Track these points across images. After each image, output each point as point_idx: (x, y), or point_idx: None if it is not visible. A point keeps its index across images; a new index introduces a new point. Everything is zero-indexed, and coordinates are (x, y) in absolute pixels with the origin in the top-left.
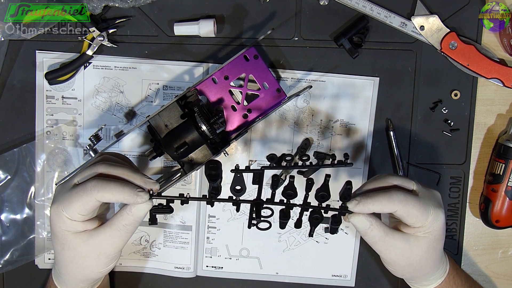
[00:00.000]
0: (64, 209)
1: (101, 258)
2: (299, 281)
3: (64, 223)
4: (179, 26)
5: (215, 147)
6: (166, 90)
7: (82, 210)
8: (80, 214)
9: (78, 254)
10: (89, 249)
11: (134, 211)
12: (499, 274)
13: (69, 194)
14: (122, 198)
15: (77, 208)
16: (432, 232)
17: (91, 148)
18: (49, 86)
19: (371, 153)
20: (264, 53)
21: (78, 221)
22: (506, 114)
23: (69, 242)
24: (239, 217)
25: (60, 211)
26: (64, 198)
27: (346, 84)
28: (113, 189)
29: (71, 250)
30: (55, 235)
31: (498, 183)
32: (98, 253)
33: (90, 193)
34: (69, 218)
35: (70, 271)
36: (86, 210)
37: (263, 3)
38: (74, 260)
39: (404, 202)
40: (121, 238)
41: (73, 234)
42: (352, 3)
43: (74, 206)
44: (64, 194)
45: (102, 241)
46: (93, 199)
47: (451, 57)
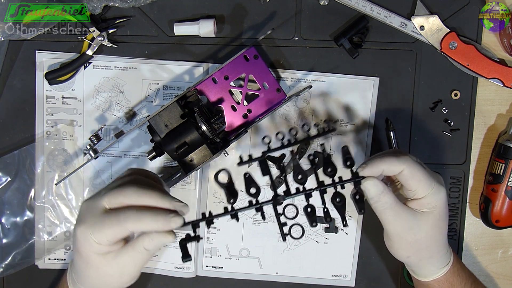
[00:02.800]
0: (93, 233)
1: (123, 277)
2: (299, 281)
3: (91, 246)
4: (179, 26)
5: (215, 147)
6: (166, 90)
7: (112, 238)
8: (110, 240)
9: (102, 273)
10: (113, 269)
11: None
12: (499, 274)
13: (100, 221)
14: (156, 227)
15: (108, 236)
16: (436, 208)
17: (91, 148)
18: (49, 86)
19: (371, 153)
20: (264, 53)
21: (105, 245)
22: (506, 114)
23: (92, 262)
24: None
25: (88, 234)
26: (94, 223)
27: (346, 84)
28: (147, 220)
29: (95, 269)
30: (80, 254)
31: (498, 183)
32: (121, 273)
33: (124, 224)
34: (96, 243)
35: (91, 285)
36: (116, 238)
37: (263, 3)
38: (97, 278)
39: (410, 163)
40: (142, 260)
41: (98, 255)
42: (352, 3)
43: (104, 233)
44: (94, 218)
45: (125, 262)
46: (126, 230)
47: (451, 57)
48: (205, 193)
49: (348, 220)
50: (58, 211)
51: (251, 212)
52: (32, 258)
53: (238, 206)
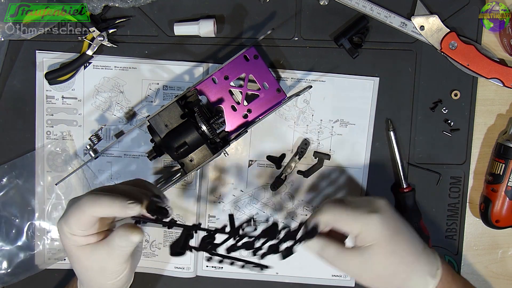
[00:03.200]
0: (64, 224)
1: (104, 272)
2: (299, 281)
3: (66, 237)
4: (179, 26)
5: (215, 147)
6: (166, 90)
7: (78, 225)
8: (79, 229)
9: (84, 267)
10: (92, 263)
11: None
12: (499, 274)
13: (67, 210)
14: (113, 212)
15: (74, 224)
16: (379, 238)
17: (91, 148)
18: (49, 86)
19: (371, 153)
20: (264, 53)
21: (79, 236)
22: (506, 114)
23: (74, 255)
24: (239, 217)
25: (62, 225)
26: (65, 213)
27: (346, 84)
28: (104, 203)
29: (77, 262)
30: (65, 247)
31: (498, 183)
32: (100, 267)
33: (83, 208)
34: (70, 233)
35: (85, 281)
36: (82, 225)
37: (263, 3)
38: (82, 272)
39: (325, 211)
40: (119, 256)
41: (77, 247)
42: (352, 3)
43: (71, 222)
44: (67, 209)
45: (102, 256)
46: (86, 215)
47: (451, 57)
48: (205, 193)
49: None
50: (58, 211)
51: (251, 211)
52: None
53: None
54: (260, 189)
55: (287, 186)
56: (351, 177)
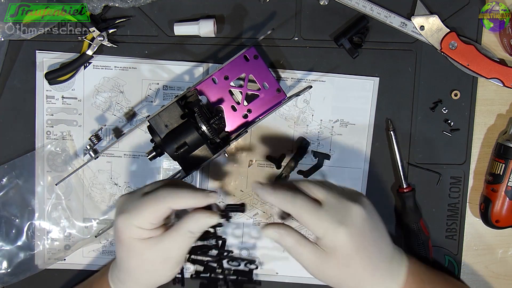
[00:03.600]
0: (134, 218)
1: (168, 262)
2: (299, 281)
3: (132, 232)
4: (179, 26)
5: (215, 147)
6: (166, 90)
7: (153, 218)
8: (151, 222)
9: (145, 260)
10: (156, 254)
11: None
12: (499, 274)
13: (139, 203)
14: (195, 202)
15: (148, 217)
16: (339, 250)
17: (91, 148)
18: (49, 86)
19: (371, 153)
20: (264, 53)
21: (147, 229)
22: (506, 114)
23: (136, 249)
24: (239, 217)
25: (129, 220)
26: (133, 207)
27: (346, 84)
28: (186, 196)
29: (138, 256)
30: (121, 242)
31: (498, 183)
32: (165, 258)
33: (163, 201)
34: (138, 227)
35: (136, 278)
36: (157, 218)
37: (263, 3)
38: (141, 266)
39: (299, 207)
40: (185, 243)
41: (140, 240)
42: (352, 3)
43: (145, 215)
44: (133, 202)
45: (168, 245)
46: (165, 207)
47: (451, 57)
48: None
49: None
50: (58, 211)
51: (251, 211)
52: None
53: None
54: None
55: None
56: (351, 177)
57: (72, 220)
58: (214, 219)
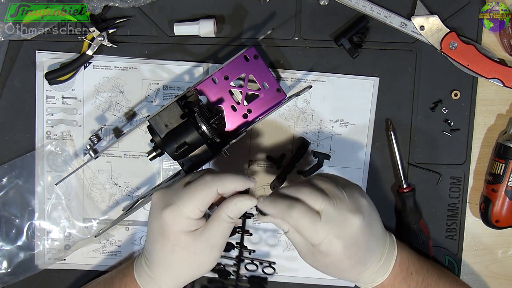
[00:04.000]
0: (183, 208)
1: (214, 251)
2: (299, 281)
3: (181, 223)
4: (179, 26)
5: (215, 147)
6: (166, 90)
7: (203, 203)
8: (200, 209)
9: (192, 252)
10: (203, 244)
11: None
12: (499, 274)
13: (185, 193)
14: (240, 185)
15: (198, 204)
16: (330, 255)
17: (91, 148)
18: (49, 86)
19: (371, 153)
20: (264, 53)
21: (195, 218)
22: (506, 114)
23: (182, 242)
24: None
25: (178, 211)
26: (180, 198)
27: (346, 84)
28: (230, 178)
29: (185, 249)
30: (168, 237)
31: (498, 183)
32: (211, 247)
33: (211, 185)
34: (187, 217)
35: (178, 273)
36: (206, 204)
37: (263, 3)
38: (187, 259)
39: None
40: (228, 228)
41: (187, 233)
42: (352, 3)
43: (195, 202)
44: (177, 194)
45: (214, 233)
46: (214, 191)
47: (451, 57)
48: None
49: None
50: (58, 211)
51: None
52: (36, 267)
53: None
54: (260, 189)
55: None
56: (351, 177)
57: (72, 220)
58: (253, 201)
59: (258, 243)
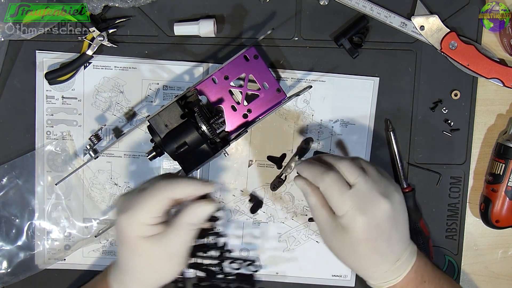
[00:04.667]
0: (136, 214)
1: (172, 259)
2: (299, 281)
3: (135, 229)
4: (179, 26)
5: (215, 147)
6: (166, 90)
7: (155, 211)
8: (152, 216)
9: (150, 258)
10: (161, 251)
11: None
12: (499, 274)
13: (139, 199)
14: (191, 191)
15: (150, 210)
16: (350, 232)
17: (91, 148)
18: (49, 86)
19: (371, 153)
20: (264, 53)
21: (150, 224)
22: (506, 114)
23: (139, 248)
24: (239, 217)
25: (131, 217)
26: (134, 204)
27: (346, 84)
28: (182, 184)
29: (143, 255)
30: (125, 242)
31: (498, 183)
32: (170, 254)
33: (162, 191)
34: (141, 224)
35: (141, 278)
36: (159, 211)
37: (263, 3)
38: (146, 266)
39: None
40: (188, 236)
41: (144, 238)
42: (352, 3)
43: (147, 209)
44: (133, 200)
45: (172, 241)
46: (165, 197)
47: (451, 57)
48: None
49: None
50: (58, 211)
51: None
52: (36, 267)
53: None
54: (260, 189)
55: (287, 186)
56: None
57: (72, 220)
58: (210, 206)
59: (258, 243)
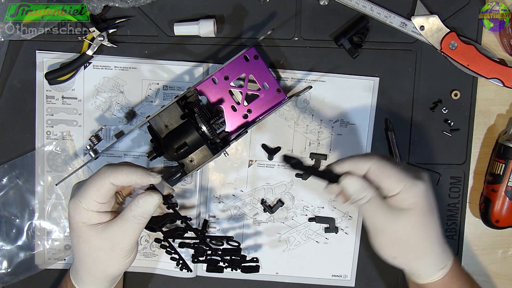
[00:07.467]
0: (81, 199)
1: (115, 250)
2: (299, 281)
3: (80, 214)
4: (179, 26)
5: (215, 148)
6: (166, 90)
7: (97, 195)
8: (96, 201)
9: (93, 247)
10: (103, 241)
11: (141, 202)
12: (499, 274)
13: (84, 184)
14: (135, 179)
15: (93, 194)
16: (416, 204)
17: (91, 148)
18: (49, 86)
19: None
20: (264, 53)
21: (94, 211)
22: (506, 114)
23: (84, 235)
24: (239, 217)
25: (77, 202)
26: (80, 190)
27: (346, 84)
28: (125, 170)
29: (86, 242)
30: (72, 228)
31: (498, 183)
32: (111, 245)
33: (104, 176)
34: (85, 208)
35: (86, 266)
36: (101, 195)
37: (263, 3)
38: (90, 253)
39: (377, 160)
40: (132, 229)
41: (88, 226)
42: (352, 3)
43: (89, 193)
44: (81, 186)
45: (115, 232)
46: (107, 182)
47: (451, 57)
48: (205, 193)
49: (348, 220)
50: (58, 211)
51: (251, 211)
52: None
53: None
54: (260, 189)
55: (287, 186)
56: None
57: None
58: (155, 198)
59: (258, 243)
